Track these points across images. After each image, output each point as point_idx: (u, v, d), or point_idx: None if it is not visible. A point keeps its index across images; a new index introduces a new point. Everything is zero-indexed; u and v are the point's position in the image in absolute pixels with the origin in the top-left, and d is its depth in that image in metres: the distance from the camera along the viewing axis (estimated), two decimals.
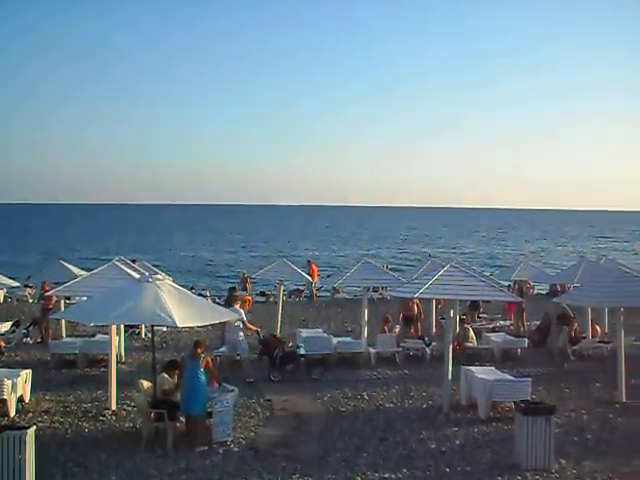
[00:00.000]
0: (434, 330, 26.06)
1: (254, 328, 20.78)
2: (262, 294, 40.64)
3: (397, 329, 23.95)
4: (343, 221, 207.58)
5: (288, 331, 26.30)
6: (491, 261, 76.78)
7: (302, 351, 20.51)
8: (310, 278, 33.31)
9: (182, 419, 13.87)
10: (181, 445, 13.33)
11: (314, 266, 40.75)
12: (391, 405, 16.90)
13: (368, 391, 18.07)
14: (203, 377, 13.71)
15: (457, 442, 13.93)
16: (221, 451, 13.22)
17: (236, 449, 13.39)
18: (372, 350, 21.82)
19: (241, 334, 20.08)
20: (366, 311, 22.65)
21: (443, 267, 17.21)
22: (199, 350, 13.92)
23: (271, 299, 38.20)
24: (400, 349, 22.14)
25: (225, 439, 13.65)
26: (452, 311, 17.42)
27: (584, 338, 23.66)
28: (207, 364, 13.98)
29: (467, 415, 15.79)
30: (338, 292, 41.52)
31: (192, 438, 13.45)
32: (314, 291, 41.42)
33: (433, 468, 12.48)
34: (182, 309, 13.28)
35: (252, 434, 14.37)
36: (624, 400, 17.10)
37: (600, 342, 23.46)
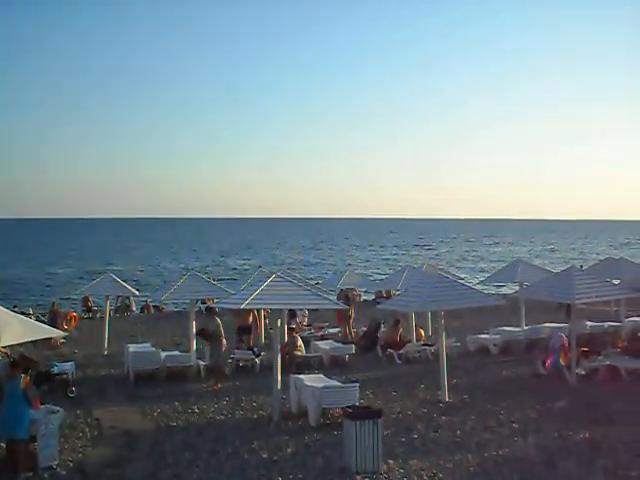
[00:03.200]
0: (263, 340, 26.20)
1: (3, 350, 20.19)
2: (88, 310, 39.54)
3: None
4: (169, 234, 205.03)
5: (116, 347, 25.70)
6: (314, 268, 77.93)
7: (56, 370, 19.96)
8: (136, 292, 32.72)
9: (2, 444, 13.25)
10: (2, 473, 12.70)
11: None
12: (222, 417, 16.81)
13: (199, 404, 17.90)
14: (25, 398, 13.11)
15: (289, 450, 14.01)
16: (47, 476, 12.67)
17: (63, 472, 12.89)
18: (201, 363, 21.65)
19: None
20: (194, 324, 22.46)
21: (269, 277, 17.35)
22: (17, 370, 13.33)
23: (98, 315, 37.23)
24: (230, 360, 22.07)
25: (51, 463, 13.08)
26: (279, 320, 17.56)
27: (409, 342, 24.42)
28: (27, 384, 13.37)
29: (298, 423, 15.91)
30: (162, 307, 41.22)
31: (14, 465, 12.80)
32: (149, 304, 41.17)
33: (265, 478, 12.48)
34: (2, 328, 12.69)
35: (80, 455, 13.88)
36: (447, 399, 17.79)
37: (424, 345, 24.29)
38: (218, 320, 20.74)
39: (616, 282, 24.49)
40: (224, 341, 20.65)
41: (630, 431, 14.79)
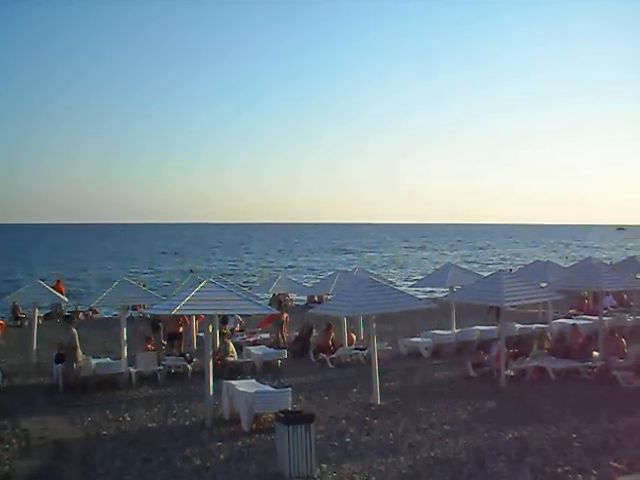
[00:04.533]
0: (195, 346, 26.04)
1: None
2: (16, 318, 38.74)
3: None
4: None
5: (45, 355, 25.21)
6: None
7: None
8: (65, 299, 32.20)
9: None
10: None
11: (61, 286, 39.61)
12: (154, 425, 16.64)
13: (130, 412, 17.69)
14: None
15: (222, 457, 13.94)
16: None
17: None
18: (133, 370, 21.42)
19: None
20: (125, 330, 22.21)
21: (201, 283, 17.25)
22: None
23: (26, 323, 36.50)
24: (161, 367, 21.89)
25: None
26: (210, 326, 17.48)
27: (341, 346, 24.52)
28: None
29: (231, 429, 15.85)
30: (96, 312, 40.71)
31: None
32: (79, 311, 40.50)
33: None
34: None
35: (6, 468, 13.57)
36: (379, 402, 17.90)
37: (356, 349, 24.43)
38: (74, 330, 20.61)
39: (543, 285, 24.96)
40: (79, 352, 20.47)
41: (557, 429, 15.12)
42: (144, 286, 28.72)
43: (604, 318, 24.29)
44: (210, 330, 17.40)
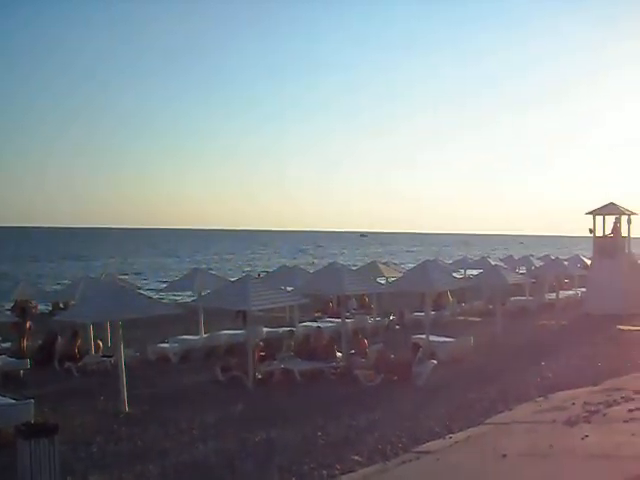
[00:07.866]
0: None
1: None
2: None
3: None
4: None
5: None
6: None
7: None
8: None
9: None
10: None
11: None
12: None
13: None
14: None
15: None
16: None
17: None
18: None
19: None
20: None
21: None
22: None
23: None
24: None
25: None
26: None
27: (87, 354, 23.92)
28: None
29: None
30: None
31: None
32: None
33: None
34: None
35: None
36: (127, 410, 17.66)
37: (103, 356, 23.92)
38: None
39: (290, 289, 25.70)
40: None
41: (302, 429, 15.66)
42: None
43: (347, 320, 25.43)
44: None
